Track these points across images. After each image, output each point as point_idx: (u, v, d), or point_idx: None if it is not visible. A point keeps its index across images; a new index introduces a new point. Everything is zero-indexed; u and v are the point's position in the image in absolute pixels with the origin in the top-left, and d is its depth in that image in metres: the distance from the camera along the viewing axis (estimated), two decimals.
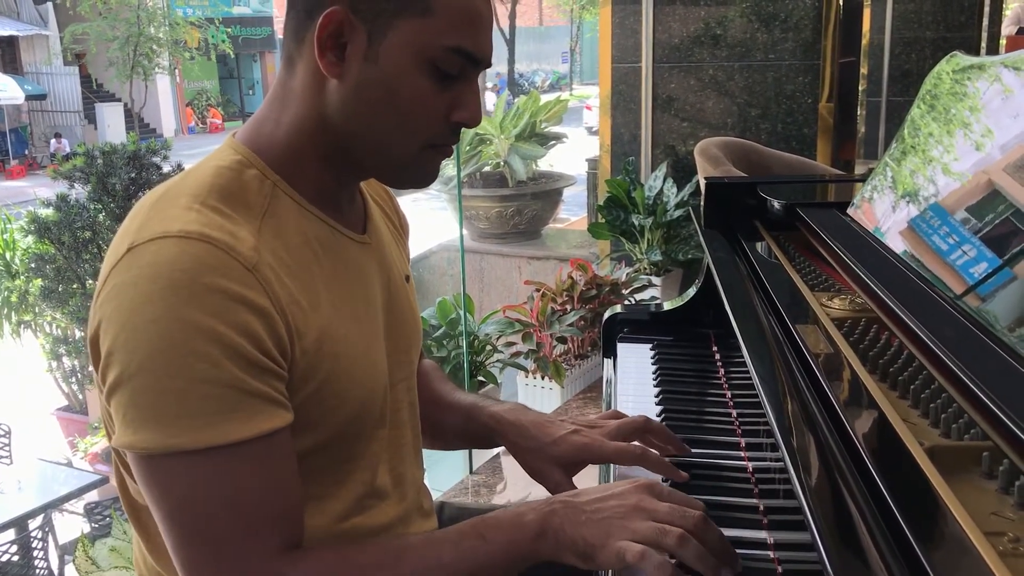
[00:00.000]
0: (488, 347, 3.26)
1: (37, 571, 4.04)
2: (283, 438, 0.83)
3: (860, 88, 5.38)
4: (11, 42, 21.97)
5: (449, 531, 0.88)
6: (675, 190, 3.88)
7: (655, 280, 3.78)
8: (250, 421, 0.79)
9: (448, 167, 5.58)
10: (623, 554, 0.82)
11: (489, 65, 0.92)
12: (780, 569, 0.90)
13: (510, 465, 2.92)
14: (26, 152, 21.50)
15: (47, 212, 6.07)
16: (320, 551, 0.86)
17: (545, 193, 6.26)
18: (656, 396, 1.35)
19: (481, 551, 0.85)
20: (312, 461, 0.90)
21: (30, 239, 6.41)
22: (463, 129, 0.94)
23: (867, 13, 5.36)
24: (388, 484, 1.00)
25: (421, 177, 0.95)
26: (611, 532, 0.84)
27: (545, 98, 6.55)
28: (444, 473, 2.99)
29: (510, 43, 24.69)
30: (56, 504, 4.28)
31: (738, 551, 0.94)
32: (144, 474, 0.80)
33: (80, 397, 6.90)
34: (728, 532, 0.96)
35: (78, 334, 6.53)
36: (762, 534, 0.97)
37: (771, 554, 0.93)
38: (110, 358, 0.79)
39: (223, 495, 0.79)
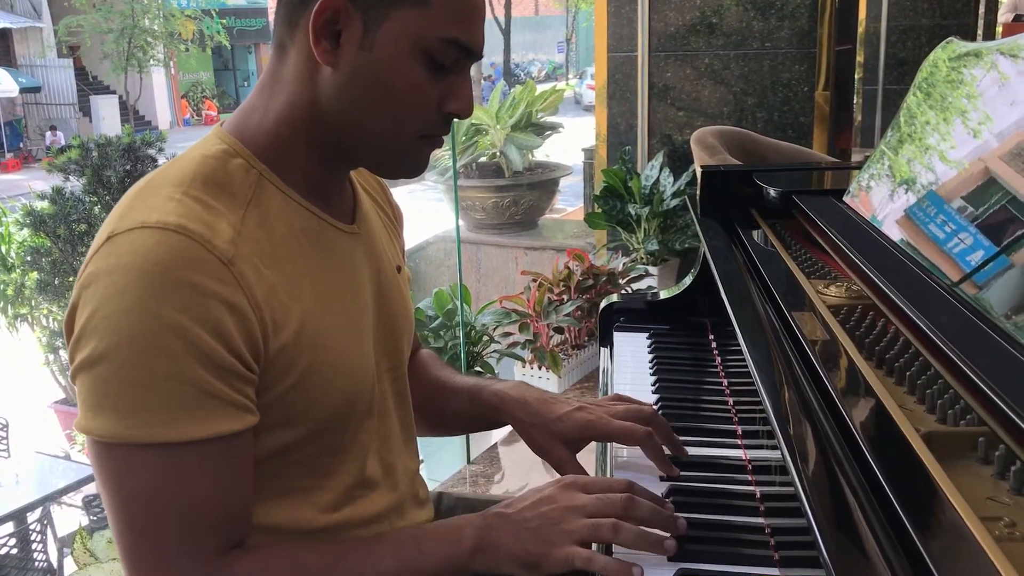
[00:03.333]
0: (485, 337, 3.26)
1: (36, 564, 4.04)
2: (240, 442, 0.83)
3: (856, 76, 5.38)
4: (5, 34, 21.87)
5: (389, 537, 0.90)
6: (671, 179, 3.87)
7: (651, 269, 3.77)
8: (206, 421, 0.80)
9: (444, 157, 5.56)
10: (571, 560, 0.85)
11: (481, 57, 0.92)
12: (777, 555, 0.91)
13: (508, 455, 2.93)
14: (21, 145, 21.43)
15: (42, 205, 6.06)
16: (259, 551, 0.86)
17: (541, 183, 6.25)
18: (652, 385, 1.35)
19: (417, 563, 0.87)
20: (300, 453, 0.90)
21: (26, 232, 6.40)
22: (456, 120, 0.94)
23: (863, 1, 5.36)
24: (378, 474, 1.00)
25: (411, 167, 0.95)
26: (551, 540, 0.86)
27: (541, 88, 6.53)
28: (442, 463, 3.00)
29: (506, 33, 24.61)
30: (54, 497, 4.28)
31: (735, 536, 0.94)
32: (98, 460, 0.81)
33: None
34: (725, 518, 0.97)
35: None
36: (759, 520, 0.97)
37: (768, 540, 0.93)
38: (80, 339, 0.80)
39: (170, 492, 0.80)
